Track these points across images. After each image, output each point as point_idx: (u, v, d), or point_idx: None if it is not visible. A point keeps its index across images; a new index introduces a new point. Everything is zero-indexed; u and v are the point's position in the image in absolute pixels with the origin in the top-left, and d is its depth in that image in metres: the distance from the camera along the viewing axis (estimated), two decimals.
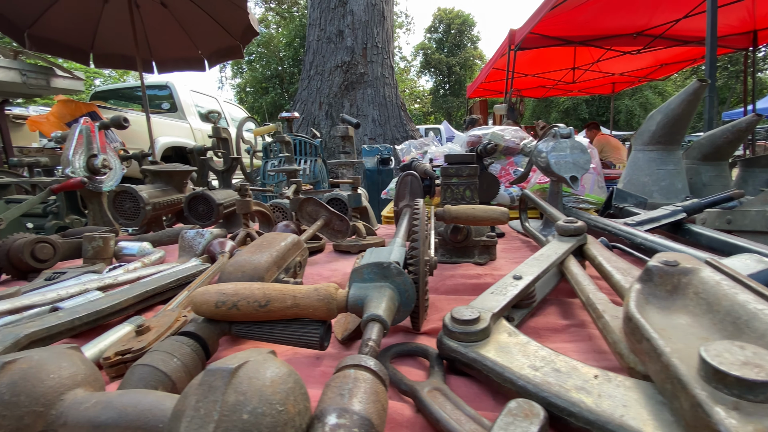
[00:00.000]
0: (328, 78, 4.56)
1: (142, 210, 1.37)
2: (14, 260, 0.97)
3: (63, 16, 3.95)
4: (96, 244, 1.07)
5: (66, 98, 4.21)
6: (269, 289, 0.53)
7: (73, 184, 1.33)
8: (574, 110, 18.38)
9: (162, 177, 1.52)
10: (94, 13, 4.34)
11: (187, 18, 4.80)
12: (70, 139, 1.45)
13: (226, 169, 1.52)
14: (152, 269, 0.94)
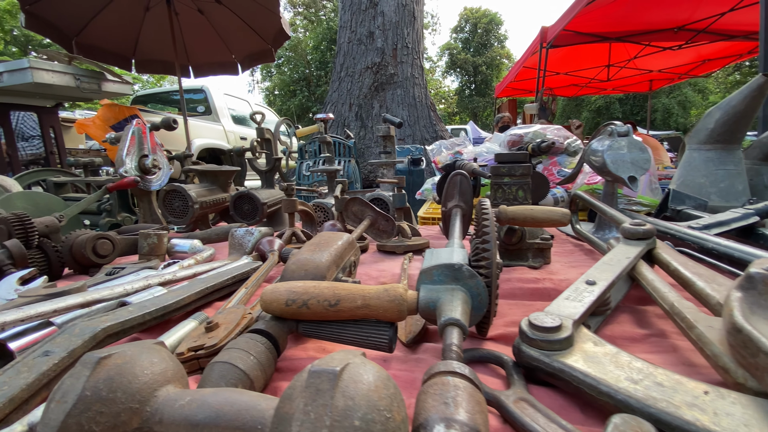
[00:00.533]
0: (358, 79, 4.57)
1: (191, 208, 1.41)
2: (77, 255, 1.01)
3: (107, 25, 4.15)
4: (151, 241, 1.11)
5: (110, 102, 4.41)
6: (338, 288, 0.53)
7: (127, 183, 1.38)
8: (606, 109, 17.73)
9: (208, 177, 1.55)
10: (136, 21, 4.55)
11: (222, 24, 4.97)
12: (124, 140, 1.50)
13: (269, 169, 1.54)
14: (206, 266, 0.95)
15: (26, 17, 3.71)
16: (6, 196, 1.16)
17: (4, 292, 0.81)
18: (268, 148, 1.55)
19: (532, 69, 7.62)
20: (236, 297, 0.73)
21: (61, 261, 1.01)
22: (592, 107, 18.09)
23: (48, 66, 1.96)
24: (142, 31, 4.67)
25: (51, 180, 1.67)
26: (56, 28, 3.44)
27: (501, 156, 0.99)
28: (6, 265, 0.88)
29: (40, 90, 2.14)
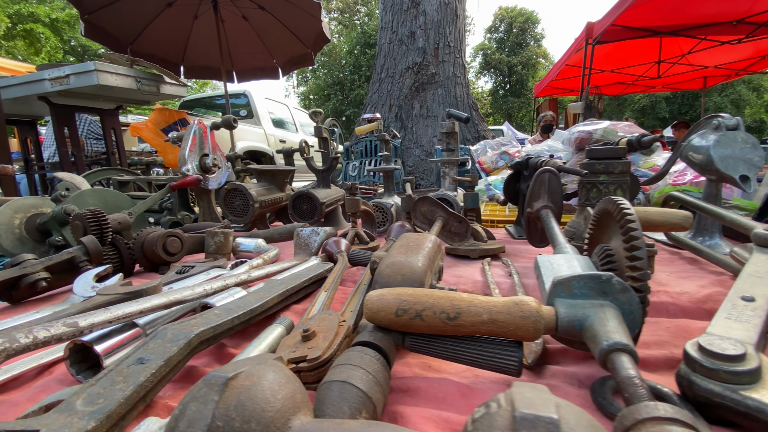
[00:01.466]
0: (398, 80, 4.51)
1: (251, 207, 1.39)
2: (148, 253, 1.00)
3: (159, 33, 4.33)
4: (218, 240, 1.08)
5: (161, 107, 4.58)
6: (456, 299, 0.46)
7: (190, 181, 1.38)
8: (651, 108, 16.77)
9: (266, 176, 1.53)
10: (185, 28, 4.73)
11: (264, 29, 5.08)
12: (186, 139, 1.51)
13: (326, 168, 1.50)
14: (276, 266, 0.91)
15: (85, 26, 3.91)
16: (78, 193, 1.17)
17: (81, 289, 0.80)
18: (325, 147, 1.52)
19: (575, 67, 7.30)
20: (318, 301, 0.68)
21: (133, 258, 1.00)
22: (635, 107, 17.18)
23: (112, 69, 2.03)
24: (190, 38, 4.86)
25: (115, 178, 1.71)
26: (112, 37, 3.60)
27: (596, 151, 0.89)
28: (82, 262, 0.88)
29: (103, 92, 2.22)
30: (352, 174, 2.47)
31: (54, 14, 10.78)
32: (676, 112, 16.29)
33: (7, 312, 0.79)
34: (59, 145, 2.25)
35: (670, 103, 16.69)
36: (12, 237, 1.10)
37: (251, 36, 5.28)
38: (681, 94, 15.56)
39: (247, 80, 5.80)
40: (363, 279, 0.73)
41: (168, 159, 4.16)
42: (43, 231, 1.16)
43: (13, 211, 1.12)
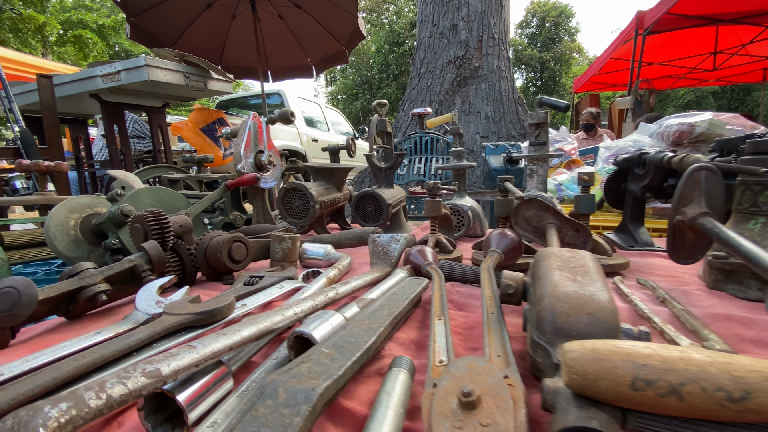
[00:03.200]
0: (439, 75, 4.32)
1: (311, 208, 1.26)
2: (211, 260, 0.88)
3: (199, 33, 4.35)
4: (285, 246, 0.95)
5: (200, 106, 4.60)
6: (737, 367, 0.29)
7: (248, 180, 1.26)
8: (697, 104, 15.72)
9: (323, 174, 1.40)
10: (224, 29, 4.75)
11: (299, 27, 5.07)
12: (241, 135, 1.40)
13: (389, 166, 1.35)
14: (359, 280, 0.77)
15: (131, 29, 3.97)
16: (133, 192, 1.07)
17: (144, 304, 0.68)
18: (388, 143, 1.37)
19: (621, 60, 6.86)
20: (438, 335, 0.53)
21: (195, 266, 0.88)
22: (679, 102, 16.17)
23: (161, 64, 1.96)
24: (228, 38, 4.88)
25: (165, 176, 1.63)
26: (156, 38, 3.62)
27: (760, 144, 0.69)
28: (144, 271, 0.76)
29: (152, 89, 2.17)
30: (400, 173, 2.31)
31: (101, 20, 11.22)
32: (724, 108, 15.19)
33: (64, 329, 0.68)
34: (109, 143, 2.22)
35: (719, 98, 15.59)
36: (67, 239, 1.01)
37: (286, 35, 5.29)
38: (731, 88, 14.49)
39: (281, 79, 5.82)
40: (487, 308, 0.57)
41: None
42: (98, 232, 1.06)
43: (68, 210, 1.03)
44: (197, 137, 4.13)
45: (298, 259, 1.01)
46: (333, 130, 7.23)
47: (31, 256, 1.08)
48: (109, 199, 1.04)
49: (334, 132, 7.22)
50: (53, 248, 0.99)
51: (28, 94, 2.31)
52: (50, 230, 0.99)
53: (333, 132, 7.20)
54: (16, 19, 8.23)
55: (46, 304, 0.64)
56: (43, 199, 1.09)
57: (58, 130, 1.85)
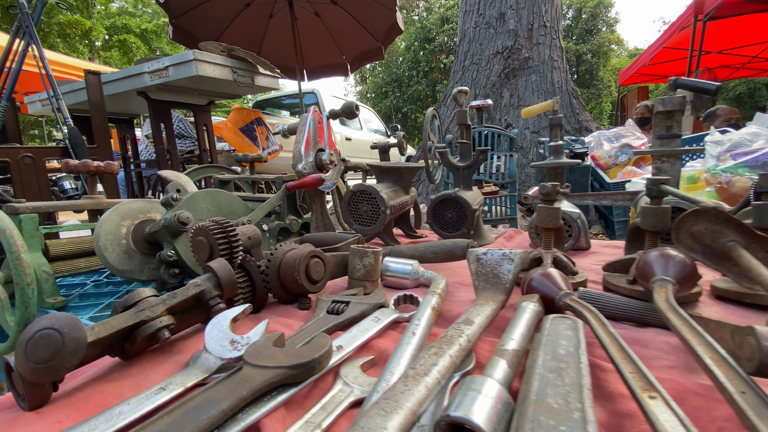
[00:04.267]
0: (485, 67, 4.05)
1: (382, 214, 1.08)
2: (287, 280, 0.72)
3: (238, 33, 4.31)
4: (368, 262, 0.78)
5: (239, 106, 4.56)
6: None
7: (312, 182, 1.10)
8: (749, 97, 14.50)
9: (390, 175, 1.23)
10: (261, 28, 4.71)
11: (335, 25, 4.99)
12: (301, 132, 1.24)
13: (469, 165, 1.16)
14: (480, 316, 0.58)
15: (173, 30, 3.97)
16: (190, 196, 0.93)
17: (216, 344, 0.52)
18: (467, 137, 1.17)
19: (675, 49, 6.33)
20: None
21: (267, 287, 0.73)
22: (729, 94, 14.98)
23: (209, 58, 1.85)
24: (265, 37, 4.83)
25: (216, 177, 1.50)
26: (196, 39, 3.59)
27: None
28: (213, 298, 0.61)
29: (198, 85, 2.07)
30: (532, 167, 2.11)
31: (144, 25, 11.57)
32: None
33: (117, 374, 0.53)
34: (156, 142, 2.15)
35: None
36: (118, 249, 0.88)
37: (322, 33, 5.23)
38: None
39: (316, 78, 5.76)
40: (725, 380, 0.36)
41: None
42: (152, 242, 0.93)
43: (119, 217, 0.91)
44: (236, 137, 4.08)
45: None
46: (366, 128, 7.11)
47: (79, 267, 0.97)
48: (164, 204, 0.91)
49: (367, 130, 7.10)
50: (103, 260, 0.86)
51: (76, 93, 2.28)
52: (100, 239, 0.86)
53: (366, 130, 7.07)
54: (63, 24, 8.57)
55: (96, 346, 0.49)
56: (92, 203, 0.97)
57: (106, 129, 1.78)
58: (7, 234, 0.74)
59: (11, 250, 0.74)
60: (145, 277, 0.92)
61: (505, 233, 1.22)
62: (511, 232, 1.22)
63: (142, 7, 14.73)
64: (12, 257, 0.73)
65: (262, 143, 4.47)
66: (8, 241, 0.74)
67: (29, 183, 1.53)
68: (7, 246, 0.74)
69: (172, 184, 0.97)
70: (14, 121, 2.02)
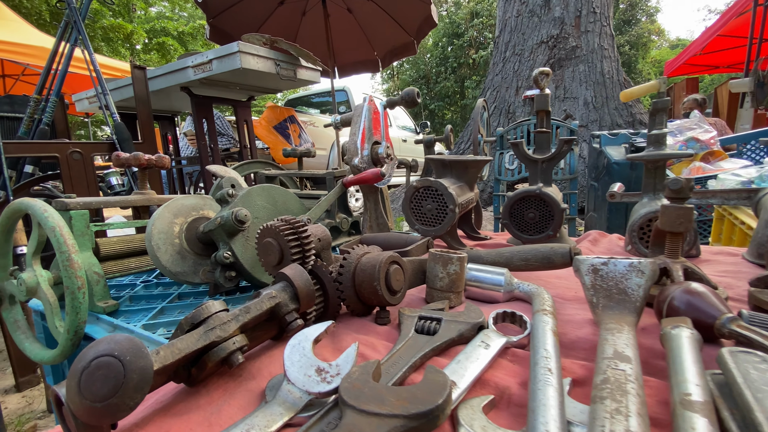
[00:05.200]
0: (528, 58, 3.83)
1: (450, 213, 0.96)
2: (364, 289, 0.61)
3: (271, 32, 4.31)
4: (453, 270, 0.66)
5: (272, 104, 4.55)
6: None
7: (372, 177, 0.99)
8: None
9: (455, 169, 1.10)
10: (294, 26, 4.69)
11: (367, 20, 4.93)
12: (356, 123, 1.13)
13: (550, 157, 1.01)
14: (630, 350, 0.45)
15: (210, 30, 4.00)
16: (245, 192, 0.84)
17: (300, 373, 0.42)
18: (547, 125, 1.03)
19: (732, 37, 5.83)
20: None
21: (341, 297, 0.62)
22: None
23: (253, 50, 1.78)
24: (298, 35, 4.81)
25: (262, 173, 1.42)
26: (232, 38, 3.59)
27: None
28: (290, 312, 0.51)
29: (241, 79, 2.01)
30: (509, 167, 1.95)
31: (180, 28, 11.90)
32: None
33: (183, 406, 0.43)
34: (199, 137, 2.11)
35: None
36: (171, 249, 0.81)
37: (354, 29, 5.19)
38: None
39: (347, 75, 5.73)
40: None
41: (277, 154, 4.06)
42: (206, 241, 0.85)
43: (172, 214, 0.83)
44: (270, 135, 4.07)
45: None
46: (395, 125, 7.01)
47: (130, 268, 0.90)
48: (219, 201, 0.82)
49: (396, 127, 6.99)
50: (156, 261, 0.78)
51: (121, 90, 2.28)
52: (153, 238, 0.78)
53: (395, 127, 6.97)
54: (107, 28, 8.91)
55: (162, 374, 0.40)
56: (143, 199, 0.90)
57: (152, 124, 1.74)
58: (57, 232, 0.67)
59: (61, 249, 0.66)
60: (198, 280, 0.83)
61: (588, 236, 1.07)
62: (595, 234, 1.06)
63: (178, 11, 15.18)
64: (62, 258, 0.66)
65: (295, 141, 4.44)
66: (58, 239, 0.67)
67: (78, 178, 1.51)
68: (57, 245, 0.67)
69: (227, 178, 0.88)
70: (63, 118, 2.04)
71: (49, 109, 1.69)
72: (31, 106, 1.70)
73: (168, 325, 0.71)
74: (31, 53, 4.22)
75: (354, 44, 5.36)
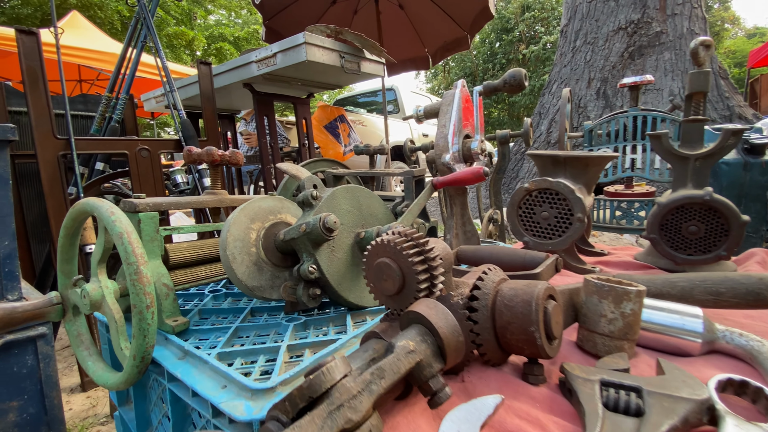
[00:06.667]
0: (602, 46, 3.44)
1: (576, 223, 0.76)
2: (512, 334, 0.44)
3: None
4: (629, 309, 0.47)
5: (323, 104, 4.49)
6: None
7: (472, 177, 0.81)
8: None
9: (570, 167, 0.89)
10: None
11: (419, 16, 4.78)
12: (446, 113, 0.96)
13: (706, 154, 0.78)
14: None
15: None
16: (330, 194, 0.70)
17: None
18: (703, 112, 0.80)
19: None
20: None
21: (476, 342, 0.45)
22: None
23: (318, 41, 1.67)
24: None
25: (330, 172, 1.29)
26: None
27: None
28: (434, 376, 0.34)
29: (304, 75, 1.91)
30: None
31: (236, 33, 12.40)
32: None
33: None
34: (260, 135, 2.04)
35: None
36: (248, 260, 0.68)
37: (405, 25, 5.05)
38: None
39: (396, 73, 5.63)
40: None
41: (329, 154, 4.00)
42: (286, 251, 0.72)
43: (249, 219, 0.70)
44: (321, 134, 4.02)
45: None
46: None
47: (200, 278, 0.79)
48: (302, 203, 0.69)
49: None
50: (231, 274, 0.66)
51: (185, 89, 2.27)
52: (228, 247, 0.66)
53: None
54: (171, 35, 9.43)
55: None
56: (215, 200, 0.79)
57: (216, 122, 1.69)
58: (125, 239, 0.56)
59: (129, 260, 0.55)
60: (276, 296, 0.70)
61: (752, 255, 0.81)
62: (763, 254, 0.81)
63: (234, 18, 15.86)
64: (130, 270, 0.55)
65: (344, 140, 4.37)
66: (126, 248, 0.56)
67: (145, 176, 1.47)
68: (125, 255, 0.56)
69: (308, 178, 0.74)
70: (132, 117, 2.05)
71: (120, 106, 1.68)
72: (103, 104, 1.70)
73: (245, 355, 0.58)
74: (104, 59, 4.47)
75: (404, 41, 5.24)
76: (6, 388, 0.84)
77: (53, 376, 0.95)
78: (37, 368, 0.90)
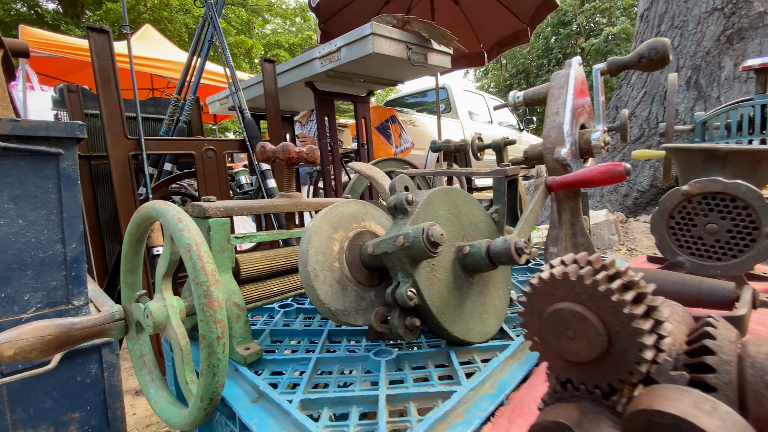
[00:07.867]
0: (693, 30, 2.99)
1: (765, 240, 0.54)
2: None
3: None
4: None
5: (375, 105, 4.39)
6: None
7: (607, 177, 0.62)
8: None
9: (732, 165, 0.67)
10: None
11: (475, 11, 4.55)
12: (559, 96, 0.78)
13: None
14: None
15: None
16: (426, 199, 0.55)
17: None
18: None
19: None
20: None
21: None
22: None
23: (386, 32, 1.55)
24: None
25: (399, 172, 1.15)
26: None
27: None
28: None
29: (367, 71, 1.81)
30: None
31: (291, 40, 12.81)
32: None
33: None
34: (320, 135, 1.97)
35: None
36: (331, 277, 0.55)
37: (460, 21, 4.83)
38: None
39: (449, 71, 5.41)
40: None
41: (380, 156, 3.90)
42: (374, 267, 0.58)
43: (331, 227, 0.58)
44: (372, 135, 3.94)
45: None
46: (497, 123, 6.55)
47: (272, 293, 0.69)
48: (394, 209, 0.55)
49: (497, 125, 6.52)
50: (312, 294, 0.54)
51: (247, 90, 2.26)
52: (310, 261, 0.53)
53: (496, 125, 6.50)
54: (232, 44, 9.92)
55: None
56: (290, 204, 0.67)
57: (279, 121, 1.62)
58: (194, 252, 0.45)
59: (198, 279, 0.44)
60: (361, 323, 0.57)
61: None
62: None
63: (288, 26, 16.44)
64: (199, 291, 0.44)
65: (396, 141, 4.24)
66: (195, 263, 0.45)
67: (211, 177, 1.44)
68: (193, 272, 0.45)
69: (399, 177, 0.60)
70: (198, 118, 2.06)
71: (187, 107, 1.68)
72: (172, 106, 1.70)
73: (334, 404, 0.45)
74: (173, 68, 4.73)
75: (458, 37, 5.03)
76: (68, 398, 0.79)
77: (117, 386, 0.89)
78: (101, 378, 0.85)
